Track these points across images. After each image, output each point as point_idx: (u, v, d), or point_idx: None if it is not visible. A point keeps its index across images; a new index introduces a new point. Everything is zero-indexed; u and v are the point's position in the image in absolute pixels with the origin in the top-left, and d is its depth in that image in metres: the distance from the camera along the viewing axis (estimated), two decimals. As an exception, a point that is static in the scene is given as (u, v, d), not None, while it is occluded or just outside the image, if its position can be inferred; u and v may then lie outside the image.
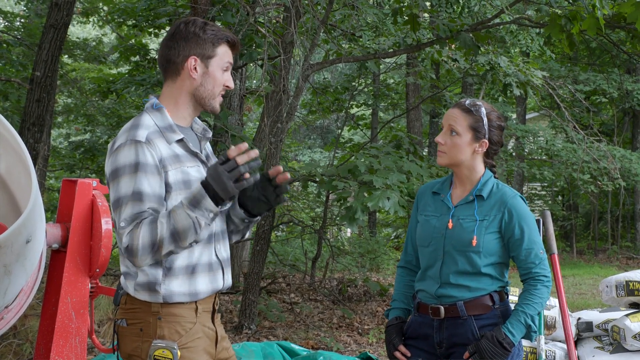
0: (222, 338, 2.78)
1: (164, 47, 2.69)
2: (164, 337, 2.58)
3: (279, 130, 7.52)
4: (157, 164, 2.55)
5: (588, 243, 19.93)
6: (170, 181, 2.58)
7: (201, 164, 2.70)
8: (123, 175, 2.53)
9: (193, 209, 2.49)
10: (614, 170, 12.06)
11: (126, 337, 2.65)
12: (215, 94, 2.70)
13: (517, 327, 2.96)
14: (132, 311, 2.64)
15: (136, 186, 2.51)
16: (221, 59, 2.69)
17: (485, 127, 3.05)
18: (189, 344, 2.62)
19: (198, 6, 7.52)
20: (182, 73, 2.67)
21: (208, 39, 2.66)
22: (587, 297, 11.38)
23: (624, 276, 5.25)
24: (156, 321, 2.60)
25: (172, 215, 2.49)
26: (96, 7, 14.68)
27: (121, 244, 2.53)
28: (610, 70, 17.50)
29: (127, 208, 2.51)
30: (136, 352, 2.62)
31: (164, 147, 2.59)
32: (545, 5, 7.73)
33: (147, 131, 2.58)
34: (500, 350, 2.91)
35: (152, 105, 2.67)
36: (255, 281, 7.72)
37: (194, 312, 2.64)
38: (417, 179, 7.61)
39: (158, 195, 2.55)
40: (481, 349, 2.92)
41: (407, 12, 8.26)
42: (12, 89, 11.46)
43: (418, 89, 14.26)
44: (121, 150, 2.55)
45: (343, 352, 7.26)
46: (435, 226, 3.09)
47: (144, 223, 2.49)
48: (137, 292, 2.62)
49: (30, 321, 5.55)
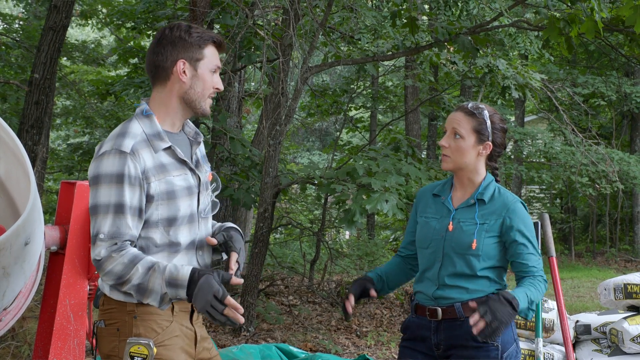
0: (203, 338, 2.79)
1: (151, 53, 2.71)
2: (140, 335, 2.61)
3: (278, 132, 7.53)
4: (139, 176, 2.58)
5: (586, 246, 19.93)
6: (152, 192, 2.61)
7: (189, 172, 2.72)
8: (103, 183, 2.56)
9: (168, 286, 2.55)
10: (612, 173, 12.07)
11: (104, 338, 2.68)
12: (205, 95, 2.72)
13: (521, 296, 2.88)
14: (108, 312, 2.67)
15: (118, 198, 2.55)
16: (209, 61, 2.71)
17: (488, 129, 3.07)
18: (166, 342, 2.63)
19: (197, 9, 7.53)
20: (171, 77, 2.69)
21: (195, 42, 2.68)
22: (586, 300, 11.38)
23: (622, 279, 5.25)
24: (132, 320, 2.62)
25: (151, 273, 2.54)
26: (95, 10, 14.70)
27: (93, 252, 2.58)
28: (609, 73, 17.51)
29: (107, 219, 2.55)
30: (114, 352, 2.64)
31: (149, 157, 2.61)
32: (543, 8, 7.74)
33: (133, 141, 2.60)
34: (510, 310, 2.81)
35: (142, 111, 2.69)
36: (254, 283, 7.71)
37: (170, 311, 2.66)
38: (415, 182, 7.61)
39: (138, 209, 2.58)
40: (491, 307, 2.79)
41: (405, 14, 8.27)
42: (10, 91, 11.47)
43: (417, 92, 14.27)
44: (105, 157, 2.57)
45: (341, 354, 7.26)
46: (435, 228, 3.10)
47: (127, 254, 2.54)
48: (113, 292, 2.65)
49: (29, 323, 5.55)
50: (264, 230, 7.76)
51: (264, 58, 7.38)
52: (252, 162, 8.84)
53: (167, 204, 2.63)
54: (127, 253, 2.54)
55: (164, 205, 2.62)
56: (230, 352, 5.52)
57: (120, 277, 2.54)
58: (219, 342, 7.29)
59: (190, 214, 2.70)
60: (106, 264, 2.54)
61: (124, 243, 2.55)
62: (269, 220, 7.84)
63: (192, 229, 2.71)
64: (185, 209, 2.67)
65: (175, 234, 2.66)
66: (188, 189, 2.69)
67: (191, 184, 2.71)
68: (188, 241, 2.70)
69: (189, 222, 2.70)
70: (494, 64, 8.95)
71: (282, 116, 7.55)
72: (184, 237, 2.68)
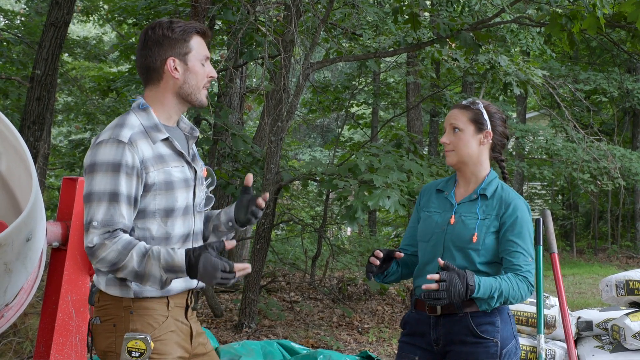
0: (198, 334, 2.80)
1: (140, 57, 2.72)
2: (137, 330, 2.61)
3: (279, 129, 7.52)
4: (137, 166, 2.58)
5: (588, 242, 19.93)
6: (150, 182, 2.61)
7: (186, 165, 2.73)
8: (100, 171, 2.56)
9: (167, 272, 2.55)
10: (614, 170, 12.05)
11: (100, 334, 2.67)
12: (199, 87, 2.72)
13: (485, 287, 2.90)
14: (104, 308, 2.67)
15: (114, 187, 2.54)
16: (197, 52, 2.71)
17: (485, 117, 3.10)
18: (162, 337, 2.64)
19: (198, 5, 7.52)
20: (164, 76, 2.69)
21: (179, 37, 2.68)
22: (587, 296, 11.38)
23: (624, 275, 5.25)
24: (128, 315, 2.62)
25: (147, 260, 2.53)
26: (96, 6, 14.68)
27: (86, 240, 2.56)
28: (611, 70, 17.49)
29: (101, 207, 2.54)
30: (111, 348, 2.64)
31: (147, 148, 2.61)
32: (545, 4, 7.72)
33: (131, 131, 2.60)
34: (461, 291, 2.84)
35: (139, 105, 2.70)
36: (255, 280, 7.72)
37: (166, 306, 2.67)
38: (417, 178, 7.61)
39: (133, 198, 2.58)
40: (451, 280, 2.83)
41: (407, 11, 8.26)
42: (12, 87, 11.47)
43: (418, 88, 14.26)
44: (103, 146, 2.57)
45: (343, 350, 7.26)
46: (437, 222, 3.11)
47: (120, 241, 2.53)
48: (109, 288, 2.65)
49: (31, 319, 5.56)
50: (265, 227, 7.77)
51: (265, 54, 7.37)
52: (254, 158, 8.84)
53: (165, 194, 2.63)
54: (120, 240, 2.53)
55: (162, 196, 2.63)
56: (232, 348, 5.52)
57: (114, 264, 2.53)
58: (220, 338, 7.29)
59: (186, 206, 2.71)
60: (99, 251, 2.53)
61: (117, 231, 2.54)
62: (271, 217, 7.85)
63: (187, 221, 2.72)
64: (182, 200, 2.68)
65: (172, 225, 2.66)
66: (185, 181, 2.70)
67: (188, 177, 2.72)
68: (182, 233, 2.70)
69: (184, 214, 2.70)
70: (496, 61, 8.95)
71: (283, 112, 7.55)
72: (178, 229, 2.68)
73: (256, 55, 8.52)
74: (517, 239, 3.00)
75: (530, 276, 2.99)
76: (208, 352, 2.83)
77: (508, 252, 3.01)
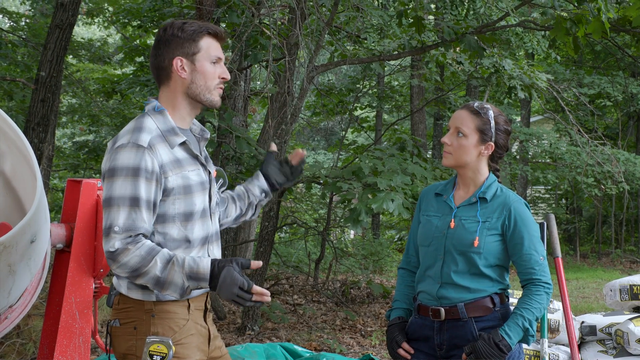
0: (215, 337, 2.80)
1: (152, 56, 2.73)
2: (158, 333, 2.61)
3: (283, 131, 7.52)
4: (156, 170, 2.57)
5: (592, 247, 19.88)
6: (170, 186, 2.60)
7: (201, 167, 2.73)
8: (120, 176, 2.54)
9: (189, 280, 2.54)
10: (618, 174, 12.02)
11: (120, 337, 2.66)
12: (210, 87, 2.71)
13: (515, 330, 2.94)
14: (125, 310, 2.66)
15: (134, 191, 2.53)
16: (207, 52, 2.70)
17: (492, 130, 3.06)
18: (183, 340, 2.64)
19: (203, 7, 7.53)
20: (172, 76, 2.69)
21: (188, 37, 2.68)
22: (591, 301, 11.35)
23: (627, 280, 5.24)
24: (150, 319, 2.62)
25: (171, 266, 2.53)
26: (101, 8, 14.71)
27: (107, 245, 2.54)
28: (615, 74, 17.47)
29: (122, 212, 2.53)
30: (131, 351, 2.64)
31: (165, 152, 2.61)
32: (550, 8, 7.72)
33: (150, 136, 2.59)
34: (497, 352, 2.89)
35: (154, 107, 2.69)
36: (259, 282, 7.72)
37: (187, 309, 2.66)
38: (421, 181, 7.60)
39: (153, 203, 2.57)
40: (477, 350, 2.90)
41: (412, 14, 8.25)
42: (17, 89, 11.48)
43: (422, 91, 14.25)
44: (122, 150, 2.56)
45: (346, 353, 7.26)
46: (437, 226, 3.10)
47: (143, 246, 2.52)
48: (130, 291, 2.64)
49: (34, 321, 5.56)
50: (269, 229, 7.77)
51: (270, 57, 7.38)
52: (258, 161, 8.83)
53: (184, 198, 2.63)
54: (143, 245, 2.52)
55: (181, 200, 2.62)
56: (235, 351, 5.53)
57: (136, 270, 2.52)
58: (223, 341, 7.29)
59: (203, 208, 2.71)
60: (121, 256, 2.51)
61: (139, 236, 2.54)
62: (274, 220, 7.84)
63: (205, 224, 2.72)
64: (200, 204, 2.68)
65: (191, 229, 2.66)
66: (201, 184, 2.70)
67: (204, 179, 2.72)
68: (201, 236, 2.70)
69: (202, 217, 2.70)
70: (500, 64, 8.93)
71: (287, 115, 7.55)
72: (197, 232, 2.68)
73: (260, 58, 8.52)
74: (524, 240, 3.00)
75: (543, 276, 3.00)
76: (223, 355, 2.84)
77: (518, 256, 3.01)
